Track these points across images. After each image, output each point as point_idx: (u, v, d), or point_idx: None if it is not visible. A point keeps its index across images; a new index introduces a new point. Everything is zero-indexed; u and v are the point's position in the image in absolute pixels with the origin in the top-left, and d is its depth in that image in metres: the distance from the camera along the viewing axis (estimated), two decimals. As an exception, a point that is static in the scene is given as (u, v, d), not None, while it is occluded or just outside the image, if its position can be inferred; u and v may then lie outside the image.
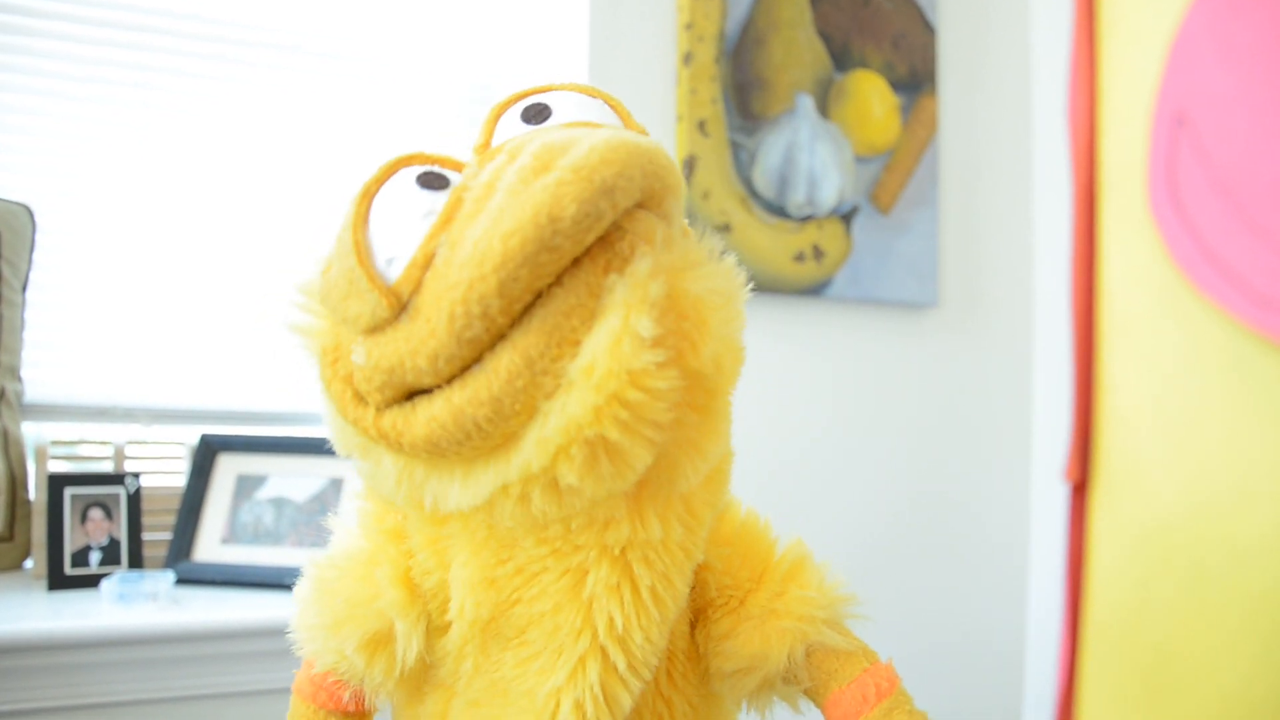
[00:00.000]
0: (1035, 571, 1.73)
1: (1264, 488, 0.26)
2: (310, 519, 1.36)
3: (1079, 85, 0.31)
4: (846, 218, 1.59)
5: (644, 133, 0.61)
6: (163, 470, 1.44)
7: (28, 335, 1.42)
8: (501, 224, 0.49)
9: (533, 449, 0.51)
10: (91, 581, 1.27)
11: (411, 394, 0.55)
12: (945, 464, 1.70)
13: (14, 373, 1.38)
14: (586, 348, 0.49)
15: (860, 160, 1.61)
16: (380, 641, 0.64)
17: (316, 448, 1.41)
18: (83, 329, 1.49)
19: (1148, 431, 0.30)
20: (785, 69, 1.57)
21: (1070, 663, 0.33)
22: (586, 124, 0.60)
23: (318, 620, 0.66)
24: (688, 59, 1.50)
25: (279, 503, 1.37)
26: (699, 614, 0.69)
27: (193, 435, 1.45)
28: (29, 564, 1.37)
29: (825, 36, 1.60)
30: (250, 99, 1.56)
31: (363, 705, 0.71)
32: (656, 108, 1.51)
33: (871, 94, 1.62)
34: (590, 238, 0.50)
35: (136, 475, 1.35)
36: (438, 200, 0.56)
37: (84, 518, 1.30)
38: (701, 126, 1.50)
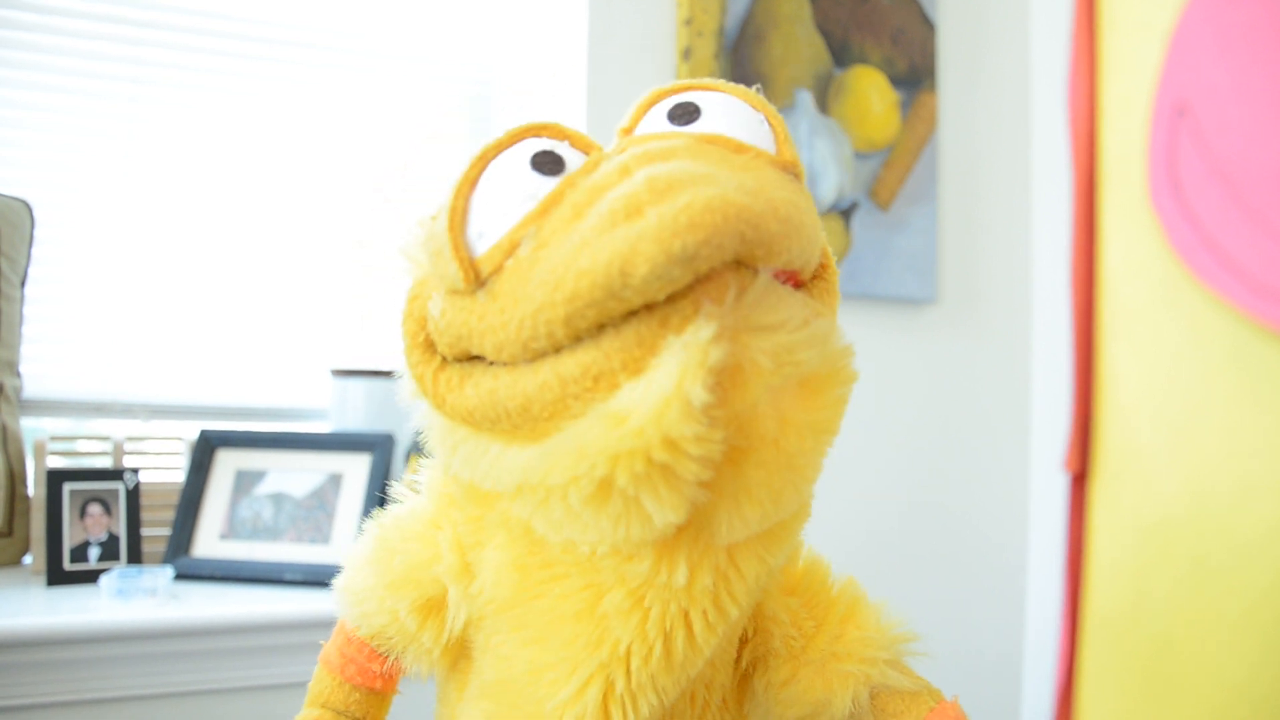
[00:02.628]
0: (1034, 565, 1.73)
1: (1265, 478, 0.26)
2: (309, 514, 1.36)
3: (1079, 76, 0.31)
4: (846, 214, 1.59)
5: (791, 161, 0.58)
6: (161, 466, 1.44)
7: (26, 330, 1.42)
8: (580, 259, 0.48)
9: (548, 462, 0.51)
10: (90, 577, 1.27)
11: (474, 356, 0.56)
12: (945, 459, 1.70)
13: (13, 368, 1.38)
14: (625, 395, 0.48)
15: (859, 156, 1.61)
16: (434, 607, 0.64)
17: (315, 443, 1.41)
18: (81, 324, 1.48)
19: (1148, 422, 0.30)
20: (784, 64, 1.56)
21: (1069, 655, 0.33)
22: (723, 147, 0.57)
23: (376, 580, 0.66)
24: (687, 54, 1.50)
25: (278, 498, 1.37)
26: (757, 663, 0.67)
27: (191, 430, 1.45)
28: (28, 559, 1.37)
29: (825, 32, 1.60)
30: (249, 95, 1.56)
31: (389, 684, 0.71)
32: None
33: (871, 90, 1.62)
34: (662, 295, 0.48)
35: (135, 471, 1.35)
36: (544, 186, 0.56)
37: (83, 513, 1.30)
38: (701, 122, 1.50)
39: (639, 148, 0.55)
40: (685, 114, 0.61)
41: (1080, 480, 0.33)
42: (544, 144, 0.59)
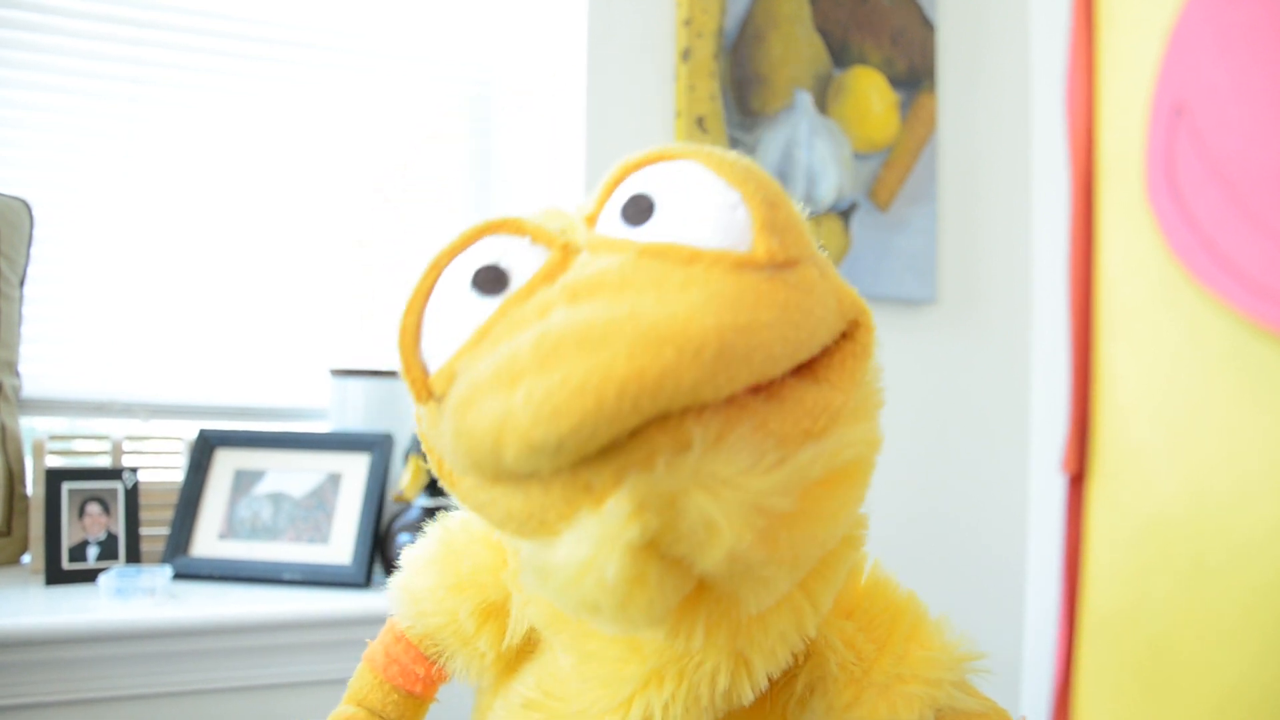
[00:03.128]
0: (1033, 566, 1.73)
1: (1263, 479, 0.26)
2: (308, 514, 1.36)
3: (1077, 75, 0.31)
4: (845, 214, 1.59)
5: (767, 255, 0.50)
6: (160, 465, 1.44)
7: (25, 330, 1.41)
8: (466, 419, 0.46)
9: (538, 573, 0.49)
10: (89, 576, 1.27)
11: None
12: (943, 459, 1.70)
13: (12, 368, 1.38)
14: (554, 557, 0.46)
15: (859, 157, 1.61)
16: (493, 612, 0.64)
17: (314, 443, 1.41)
18: (81, 324, 1.48)
19: (1146, 423, 0.30)
20: (784, 65, 1.56)
21: (1067, 656, 0.33)
22: (670, 259, 0.50)
23: (437, 580, 0.66)
24: (686, 55, 1.50)
25: (277, 498, 1.37)
26: (815, 685, 0.65)
27: (191, 430, 1.45)
28: (26, 559, 1.37)
29: (824, 33, 1.60)
30: (248, 95, 1.56)
31: (429, 689, 0.71)
32: (655, 104, 1.50)
33: (870, 90, 1.62)
34: (547, 471, 0.46)
35: (134, 470, 1.35)
36: (484, 308, 0.52)
37: (81, 513, 1.30)
38: (700, 123, 1.50)
39: (569, 277, 0.51)
40: (639, 213, 0.54)
41: (1078, 481, 0.33)
42: (496, 247, 0.55)
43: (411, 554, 0.69)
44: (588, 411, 0.42)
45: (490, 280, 0.53)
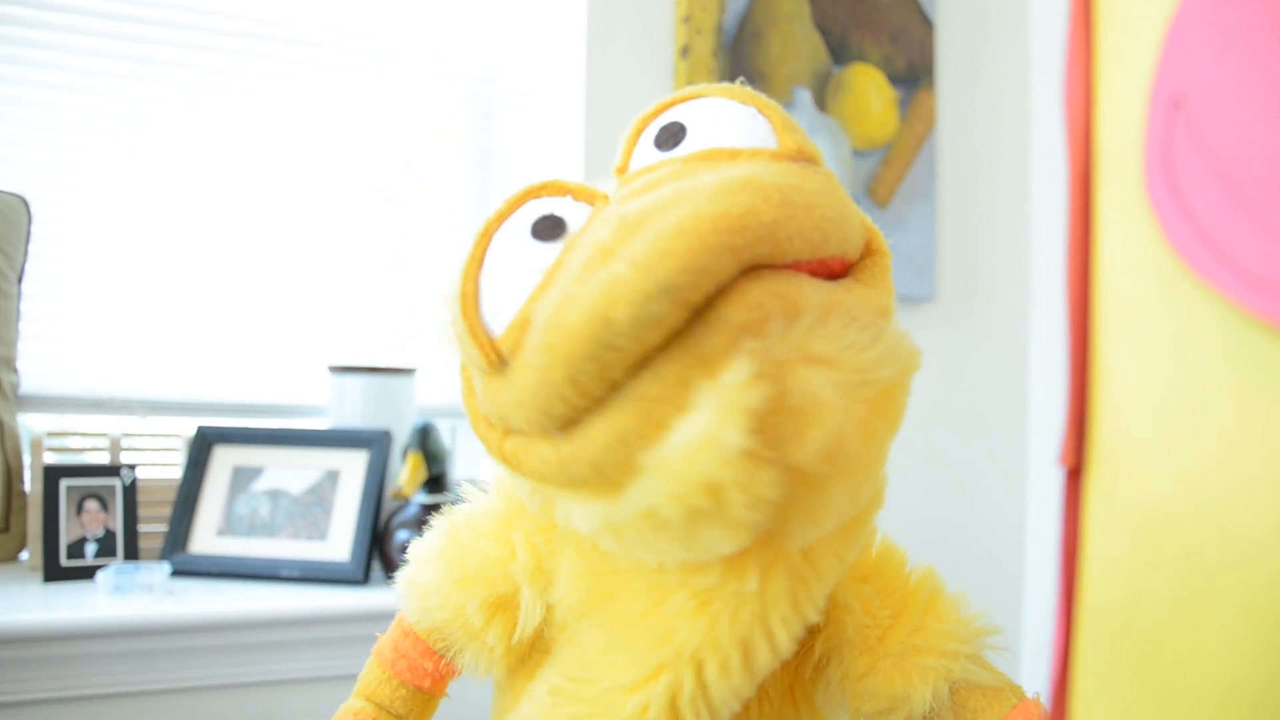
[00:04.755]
0: (1031, 562, 1.73)
1: (1261, 474, 0.26)
2: (306, 511, 1.36)
3: (1075, 69, 0.31)
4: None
5: (794, 149, 0.55)
6: (159, 462, 1.44)
7: (23, 326, 1.41)
8: (563, 317, 0.47)
9: (617, 512, 0.50)
10: (87, 573, 1.27)
11: None
12: (942, 456, 1.70)
13: (9, 364, 1.38)
14: (672, 439, 0.46)
15: (858, 154, 1.61)
16: (502, 605, 0.64)
17: (313, 440, 1.41)
18: (78, 320, 1.48)
19: (1144, 417, 0.30)
20: (783, 62, 1.56)
21: (1064, 649, 0.33)
22: (715, 159, 0.53)
23: (443, 575, 0.66)
24: (685, 52, 1.50)
25: (275, 495, 1.37)
26: (832, 653, 0.66)
27: (189, 427, 1.45)
28: (24, 555, 1.37)
29: (823, 30, 1.60)
30: (247, 92, 1.56)
31: (438, 684, 0.71)
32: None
33: (869, 88, 1.62)
34: (659, 336, 0.46)
35: (132, 467, 1.35)
36: (548, 254, 0.54)
37: (80, 509, 1.30)
38: (699, 119, 1.50)
39: (626, 188, 0.53)
40: (671, 137, 0.58)
41: (1076, 474, 0.33)
42: (544, 206, 0.57)
43: (417, 549, 0.69)
44: (692, 248, 0.44)
45: (550, 228, 0.55)
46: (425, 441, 1.32)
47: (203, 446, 1.41)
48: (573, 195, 0.58)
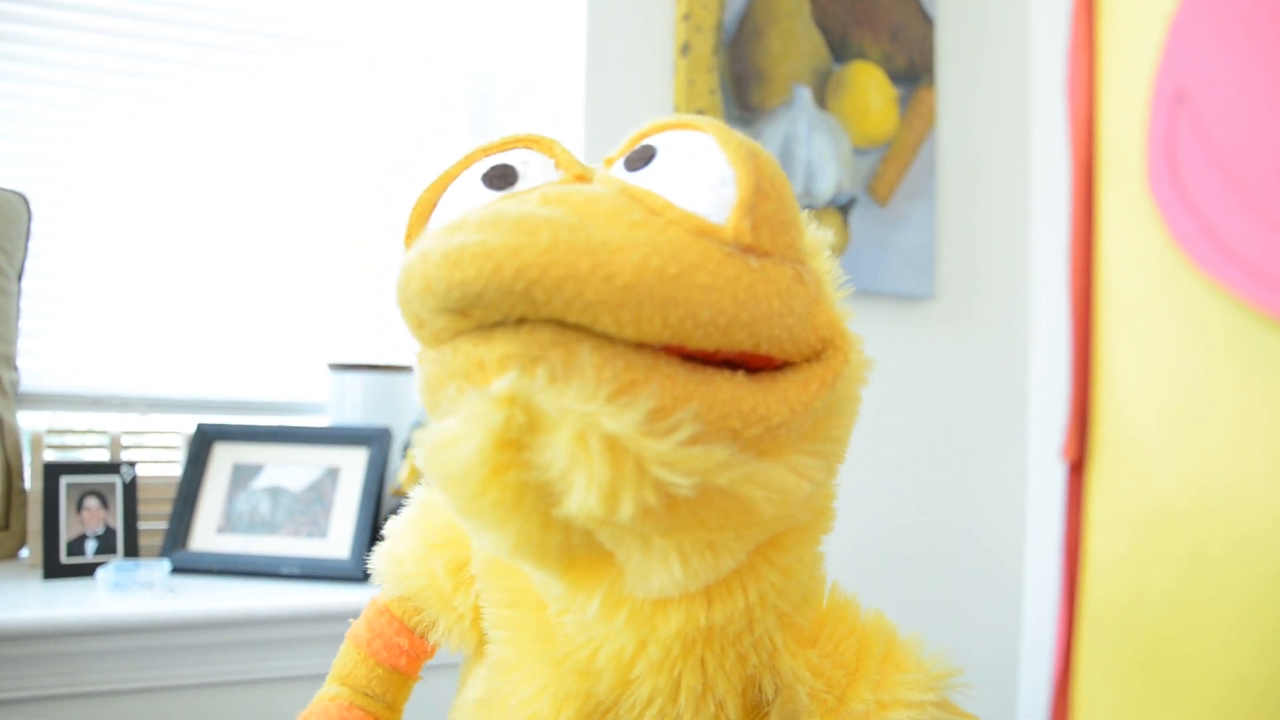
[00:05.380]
0: (1031, 562, 1.73)
1: (1265, 469, 0.26)
2: (306, 508, 1.36)
3: (1077, 63, 0.31)
4: (844, 209, 1.59)
5: (733, 235, 0.50)
6: (159, 459, 1.44)
7: (23, 324, 1.41)
8: (407, 261, 0.48)
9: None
10: (87, 570, 1.27)
11: None
12: (942, 455, 1.70)
13: (9, 361, 1.37)
14: (434, 429, 0.48)
15: (858, 152, 1.61)
16: (465, 567, 0.66)
17: (313, 437, 1.41)
18: (78, 318, 1.48)
19: (1147, 412, 0.29)
20: (783, 60, 1.56)
21: (1066, 646, 0.33)
22: (640, 204, 0.50)
23: (418, 540, 0.67)
24: (685, 50, 1.50)
25: (275, 492, 1.37)
26: None
27: (189, 424, 1.45)
28: (24, 553, 1.37)
29: (823, 28, 1.60)
30: (247, 89, 1.56)
31: (414, 663, 0.72)
32: (654, 99, 1.50)
33: (869, 86, 1.62)
34: (451, 325, 0.47)
35: (132, 464, 1.35)
36: (485, 199, 0.54)
37: (80, 506, 1.30)
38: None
39: (551, 188, 0.52)
40: (639, 159, 0.55)
41: (1078, 469, 0.32)
42: (522, 157, 0.57)
43: (394, 521, 0.71)
44: (483, 272, 0.43)
45: (498, 177, 0.55)
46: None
47: (203, 444, 1.41)
48: (557, 161, 0.57)
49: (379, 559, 0.70)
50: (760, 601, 0.57)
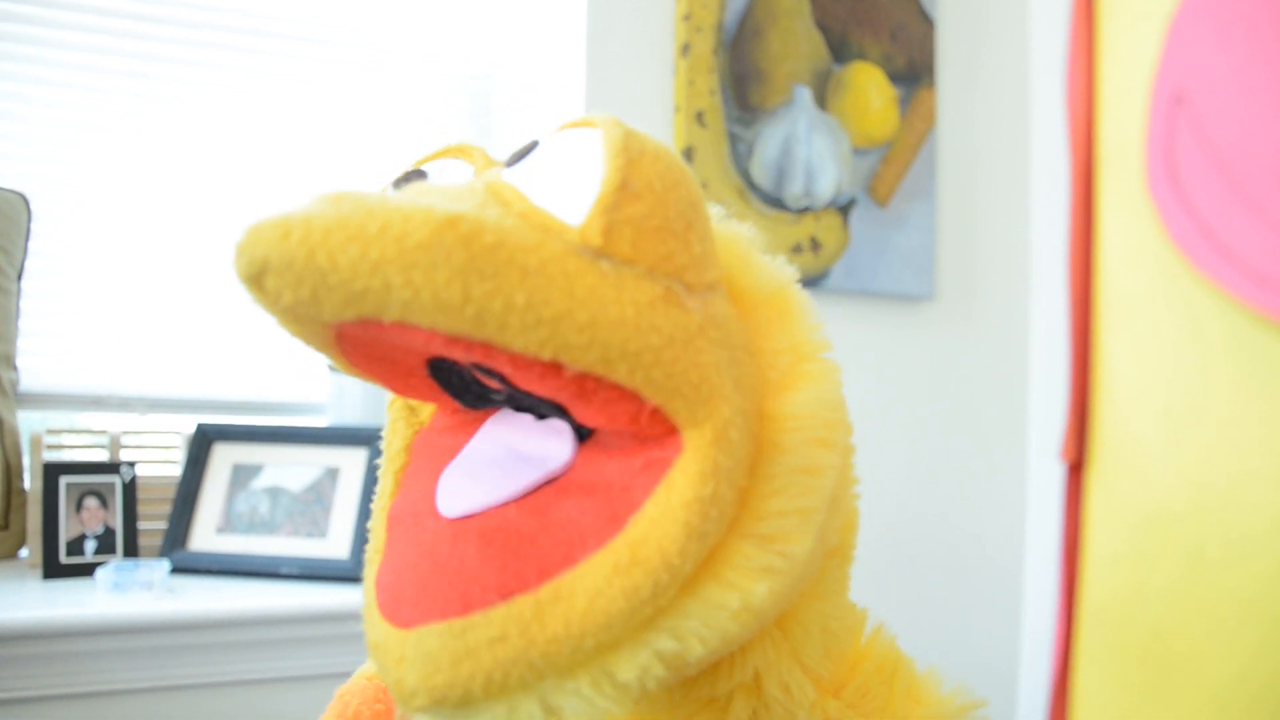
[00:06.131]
0: (1030, 561, 1.73)
1: (1263, 469, 0.26)
2: (306, 508, 1.36)
3: (1076, 64, 0.31)
4: (844, 210, 1.59)
5: (583, 237, 0.43)
6: (158, 459, 1.44)
7: (23, 324, 1.41)
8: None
9: None
10: (87, 570, 1.27)
11: None
12: (942, 456, 1.70)
13: (9, 361, 1.37)
14: None
15: (858, 152, 1.61)
16: None
17: (312, 437, 1.41)
18: (78, 317, 1.48)
19: (1145, 412, 0.30)
20: (783, 60, 1.56)
21: (1065, 645, 0.33)
22: (487, 195, 0.45)
23: None
24: (685, 50, 1.50)
25: (274, 492, 1.37)
26: None
27: (188, 424, 1.45)
28: (24, 553, 1.37)
29: (823, 28, 1.60)
30: (246, 89, 1.56)
31: None
32: (654, 99, 1.50)
33: (869, 86, 1.62)
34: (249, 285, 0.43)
35: (132, 464, 1.35)
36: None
37: (79, 506, 1.30)
38: (699, 118, 1.50)
39: (420, 185, 0.49)
40: (519, 154, 0.49)
41: (1077, 470, 0.32)
42: (448, 166, 0.55)
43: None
44: (270, 238, 0.40)
45: (405, 178, 0.53)
46: (425, 439, 1.31)
47: (202, 444, 1.41)
48: (476, 166, 0.53)
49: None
50: (768, 670, 0.52)
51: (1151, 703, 0.30)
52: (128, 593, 1.18)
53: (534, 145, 0.48)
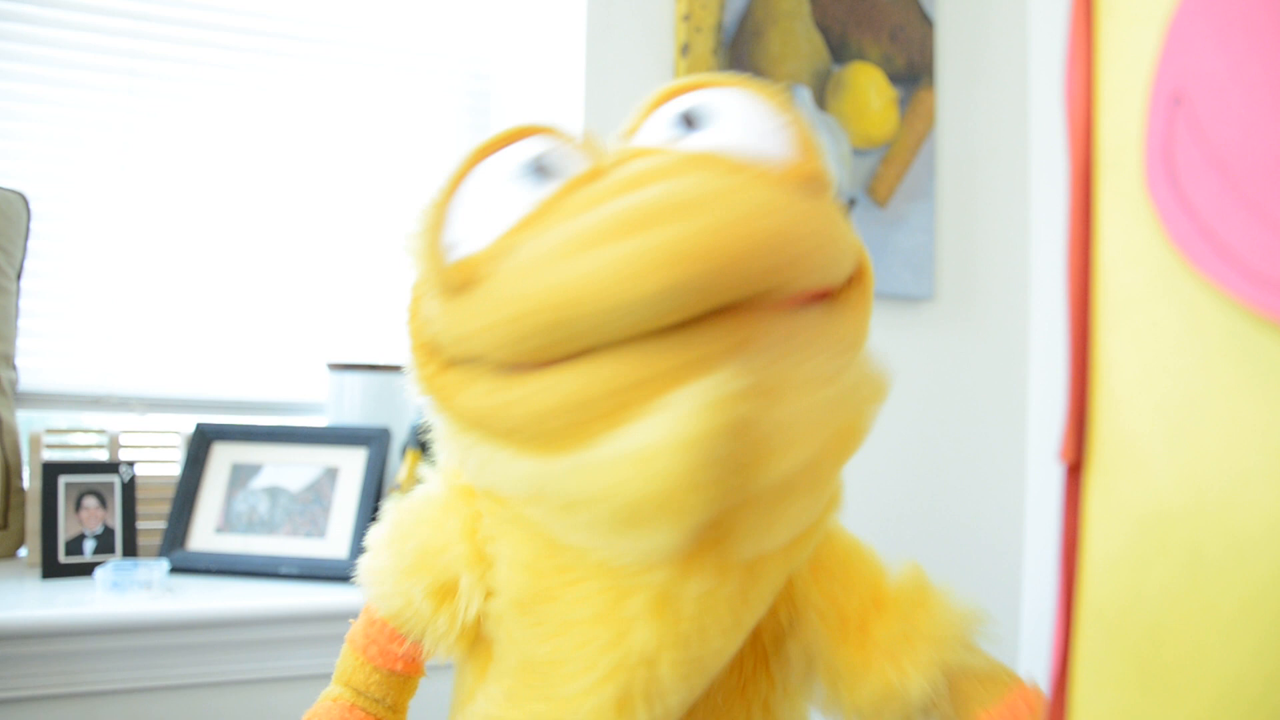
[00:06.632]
0: (1029, 561, 1.73)
1: (1262, 470, 0.26)
2: (304, 508, 1.36)
3: (1075, 64, 0.31)
4: (843, 210, 1.59)
5: (811, 173, 0.55)
6: (157, 459, 1.44)
7: (22, 323, 1.41)
8: (567, 270, 0.46)
9: (565, 482, 0.50)
10: (86, 570, 1.27)
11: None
12: (942, 454, 1.70)
13: (8, 360, 1.37)
14: (646, 431, 0.47)
15: (857, 153, 1.61)
16: (448, 592, 0.64)
17: (311, 437, 1.41)
18: (78, 317, 1.48)
19: (1144, 412, 0.30)
20: (783, 61, 1.56)
21: (1064, 645, 0.33)
22: (716, 166, 0.52)
23: (391, 563, 0.66)
24: (685, 50, 1.50)
25: (273, 492, 1.37)
26: (814, 656, 0.66)
27: (188, 424, 1.45)
28: (23, 552, 1.36)
29: (823, 29, 1.60)
30: (247, 90, 1.56)
31: (413, 666, 0.71)
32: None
33: (869, 86, 1.62)
34: (653, 327, 0.46)
35: (131, 464, 1.35)
36: (540, 190, 0.54)
37: (78, 506, 1.29)
38: (699, 118, 1.50)
39: (641, 164, 0.53)
40: (692, 122, 0.57)
41: (1075, 470, 0.32)
42: (539, 147, 0.57)
43: (371, 536, 0.70)
44: (713, 260, 0.44)
45: (538, 170, 0.55)
46: (424, 439, 1.32)
47: (201, 443, 1.41)
48: (569, 145, 0.57)
49: (361, 573, 0.69)
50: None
51: (1150, 703, 0.30)
52: (126, 592, 1.17)
53: (695, 114, 0.56)
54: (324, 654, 1.20)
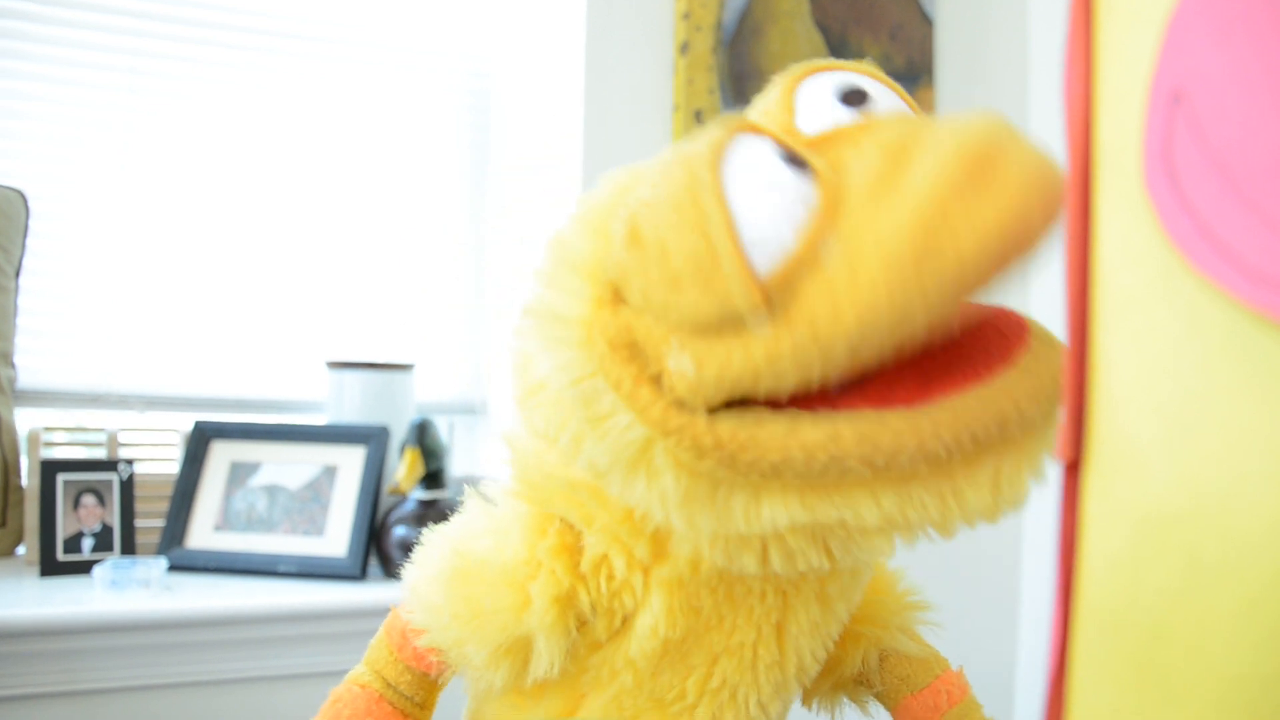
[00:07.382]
0: (1027, 562, 1.73)
1: (1262, 471, 0.26)
2: (303, 506, 1.36)
3: (1075, 64, 0.31)
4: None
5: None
6: (156, 457, 1.44)
7: (21, 321, 1.41)
8: (954, 229, 0.41)
9: (869, 510, 0.50)
10: (84, 568, 1.27)
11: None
12: (940, 456, 1.70)
13: (7, 358, 1.37)
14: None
15: (857, 151, 1.61)
16: (512, 650, 0.60)
17: (310, 435, 1.41)
18: (76, 315, 1.48)
19: (1143, 413, 0.29)
20: (782, 59, 1.56)
21: (1062, 646, 0.33)
22: (908, 119, 0.50)
23: (444, 603, 0.61)
24: (685, 49, 1.50)
25: (272, 490, 1.37)
26: None
27: (186, 422, 1.45)
28: (21, 550, 1.36)
29: (823, 27, 1.60)
30: (246, 89, 1.56)
31: (445, 671, 0.68)
32: (653, 97, 1.50)
33: (869, 85, 1.62)
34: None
35: (130, 462, 1.34)
36: (806, 185, 0.47)
37: (77, 504, 1.29)
38: (698, 116, 1.50)
39: (878, 134, 0.48)
40: (859, 98, 0.55)
41: (1074, 470, 0.32)
42: (773, 141, 0.51)
43: (423, 561, 0.64)
44: (1050, 198, 0.44)
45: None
46: (423, 437, 1.31)
47: (200, 441, 1.40)
48: (775, 140, 0.51)
49: (408, 593, 0.64)
50: None
51: (1149, 704, 0.30)
52: (125, 590, 1.17)
53: (859, 90, 0.55)
54: (323, 652, 1.20)
